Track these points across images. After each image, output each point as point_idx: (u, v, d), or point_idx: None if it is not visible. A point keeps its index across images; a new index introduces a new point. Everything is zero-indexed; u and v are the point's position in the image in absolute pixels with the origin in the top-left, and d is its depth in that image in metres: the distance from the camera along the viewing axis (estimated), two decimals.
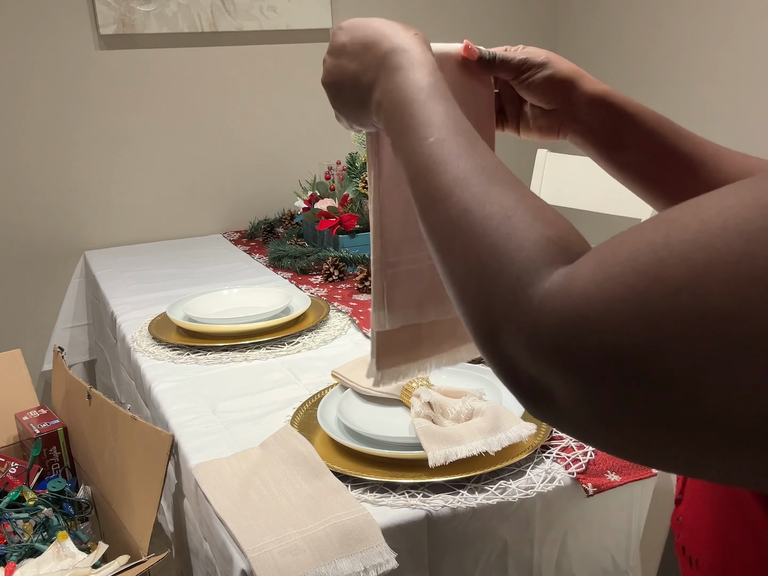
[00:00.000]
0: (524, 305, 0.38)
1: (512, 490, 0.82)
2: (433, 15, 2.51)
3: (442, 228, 0.45)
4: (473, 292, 0.42)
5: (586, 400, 0.35)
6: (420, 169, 0.48)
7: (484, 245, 0.41)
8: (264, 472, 0.87)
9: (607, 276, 0.35)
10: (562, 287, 0.36)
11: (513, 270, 0.39)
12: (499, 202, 0.43)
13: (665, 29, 2.35)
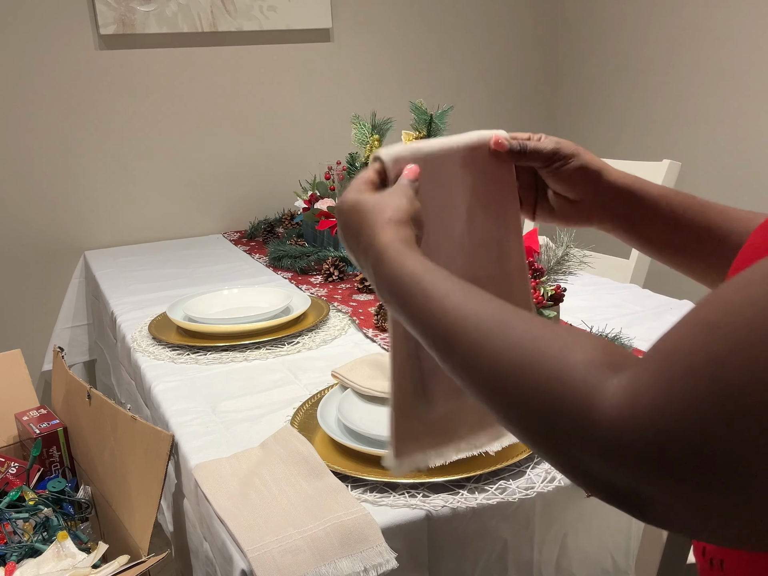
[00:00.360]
0: (596, 432, 0.39)
1: (512, 490, 0.82)
2: (433, 15, 2.51)
3: (482, 390, 0.47)
4: (542, 439, 0.43)
5: (676, 499, 0.38)
6: (436, 344, 0.51)
7: (528, 393, 0.43)
8: (264, 472, 0.87)
9: (670, 387, 0.37)
10: (629, 404, 0.38)
11: (567, 405, 0.41)
12: (521, 345, 0.45)
13: (666, 30, 2.35)
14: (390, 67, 2.49)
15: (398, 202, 0.62)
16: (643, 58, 2.44)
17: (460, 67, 2.59)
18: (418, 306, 0.53)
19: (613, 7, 2.52)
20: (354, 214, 0.63)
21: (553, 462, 0.44)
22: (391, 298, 0.57)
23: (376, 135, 1.57)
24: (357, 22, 2.41)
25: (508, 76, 2.69)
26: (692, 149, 2.32)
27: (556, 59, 2.76)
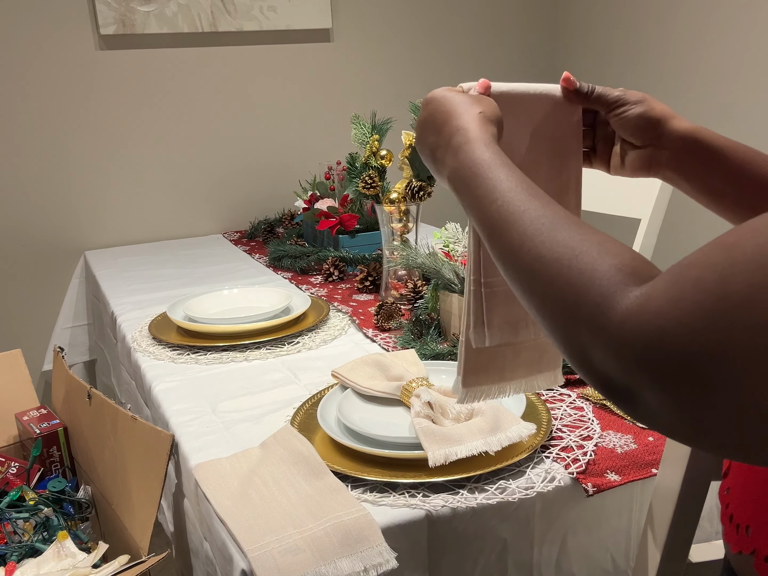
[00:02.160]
0: (607, 326, 0.44)
1: (512, 490, 0.82)
2: (433, 15, 2.51)
3: (520, 276, 0.52)
4: (561, 326, 0.48)
5: (669, 400, 0.41)
6: (492, 229, 0.56)
7: (561, 284, 0.48)
8: (264, 472, 0.87)
9: (679, 296, 0.41)
10: (640, 306, 0.42)
11: (591, 299, 0.45)
12: (566, 243, 0.49)
13: (667, 29, 2.35)
14: (390, 67, 2.49)
15: (488, 103, 0.66)
16: (642, 58, 2.44)
17: (460, 66, 2.59)
18: (488, 190, 0.57)
19: (613, 7, 2.52)
20: (444, 104, 0.66)
21: (564, 348, 0.48)
22: (463, 182, 0.60)
23: (376, 135, 1.57)
24: (357, 22, 2.41)
25: (508, 76, 2.68)
26: None
27: (556, 59, 2.76)
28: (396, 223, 1.46)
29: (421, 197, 1.44)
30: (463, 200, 0.61)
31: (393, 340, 1.28)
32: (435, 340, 1.21)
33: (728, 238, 0.42)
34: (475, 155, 0.60)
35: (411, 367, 1.05)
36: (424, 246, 1.42)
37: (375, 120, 1.58)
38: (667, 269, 0.44)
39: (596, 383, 0.46)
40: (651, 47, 2.41)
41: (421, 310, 1.30)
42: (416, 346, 1.19)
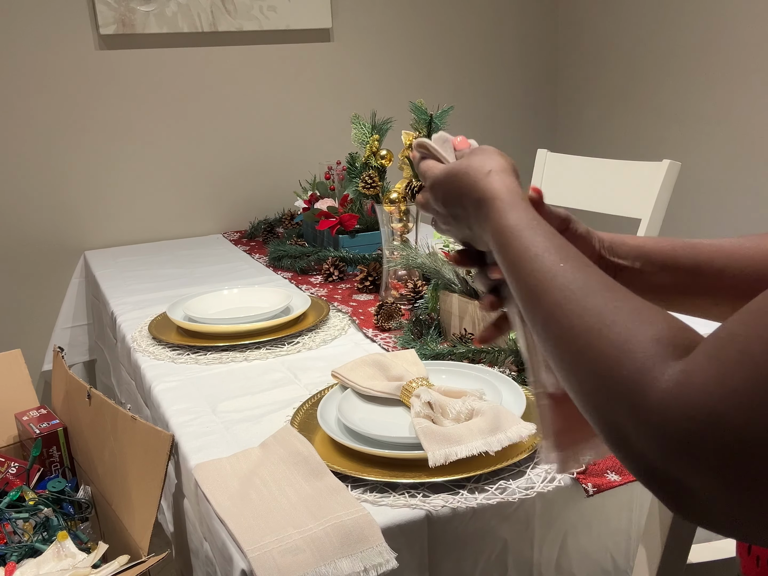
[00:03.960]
0: (646, 406, 0.40)
1: (512, 490, 0.82)
2: (433, 15, 2.51)
3: (552, 347, 0.49)
4: (594, 404, 0.44)
5: (723, 490, 0.37)
6: (524, 300, 0.54)
7: (593, 356, 0.44)
8: (264, 472, 0.87)
9: (724, 372, 0.37)
10: (681, 385, 0.38)
11: (625, 374, 0.41)
12: (597, 312, 0.46)
13: (667, 29, 2.35)
14: (390, 67, 2.49)
15: (491, 156, 0.63)
16: (642, 58, 2.44)
17: (461, 66, 2.59)
18: (517, 257, 0.55)
19: (613, 8, 2.52)
20: (450, 182, 0.64)
21: (599, 429, 0.44)
22: (497, 252, 0.58)
23: (376, 135, 1.57)
24: (357, 22, 2.41)
25: (508, 76, 2.69)
26: (692, 149, 2.32)
27: (556, 59, 2.76)
28: (396, 223, 1.46)
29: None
30: (501, 266, 0.58)
31: (393, 340, 1.28)
32: (435, 340, 1.21)
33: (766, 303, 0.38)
34: (501, 223, 0.58)
35: (411, 367, 1.05)
36: (424, 246, 1.42)
37: (375, 120, 1.58)
38: (704, 340, 0.41)
39: (637, 471, 0.41)
40: (651, 48, 2.40)
41: (421, 310, 1.30)
42: (416, 346, 1.19)
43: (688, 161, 2.17)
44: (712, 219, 2.30)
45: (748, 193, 2.18)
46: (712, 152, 2.27)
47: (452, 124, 1.47)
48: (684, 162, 1.86)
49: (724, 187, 2.25)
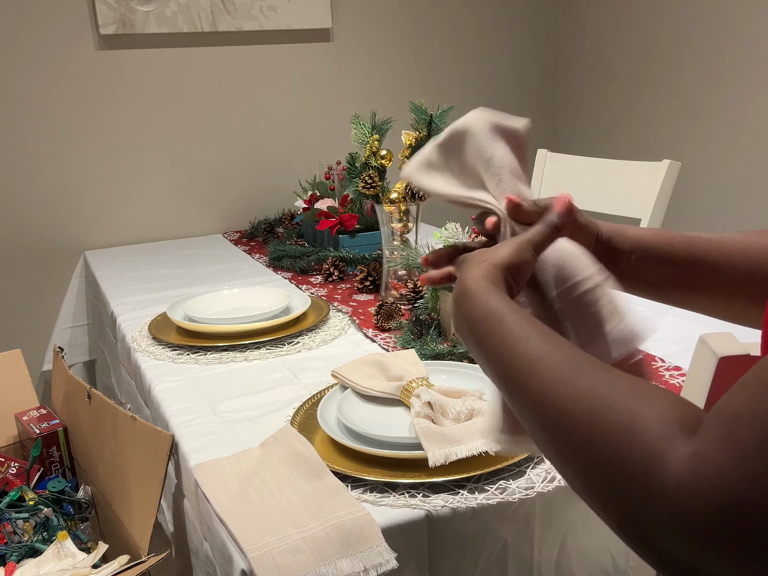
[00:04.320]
0: (661, 496, 0.37)
1: (512, 490, 0.82)
2: (433, 15, 2.51)
3: (548, 435, 0.46)
4: (603, 494, 0.41)
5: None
6: (510, 381, 0.50)
7: (597, 442, 0.42)
8: (264, 472, 0.87)
9: (739, 454, 0.35)
10: (695, 469, 0.37)
11: (634, 460, 0.39)
12: (595, 393, 0.43)
13: (667, 29, 2.35)
14: (390, 67, 2.49)
15: (499, 250, 0.60)
16: (643, 58, 2.44)
17: (460, 66, 2.59)
18: (496, 344, 0.52)
19: (614, 8, 2.52)
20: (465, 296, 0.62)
21: (611, 523, 0.41)
22: (469, 335, 0.56)
23: (376, 135, 1.57)
24: (357, 22, 2.41)
25: (509, 76, 2.69)
26: (692, 149, 2.32)
27: (557, 59, 2.75)
28: (396, 223, 1.46)
29: (421, 197, 1.44)
30: (475, 354, 0.56)
31: (393, 340, 1.28)
32: (435, 340, 1.21)
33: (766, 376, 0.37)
34: (477, 307, 0.55)
35: (411, 367, 1.05)
36: (424, 246, 1.42)
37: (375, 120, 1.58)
38: (709, 418, 0.39)
39: (658, 563, 0.39)
40: (651, 48, 2.40)
41: (421, 310, 1.30)
42: (416, 346, 1.19)
43: (688, 161, 2.17)
44: (712, 219, 2.30)
45: (748, 193, 2.18)
46: (712, 152, 2.27)
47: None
48: (684, 162, 1.86)
49: (724, 187, 2.25)
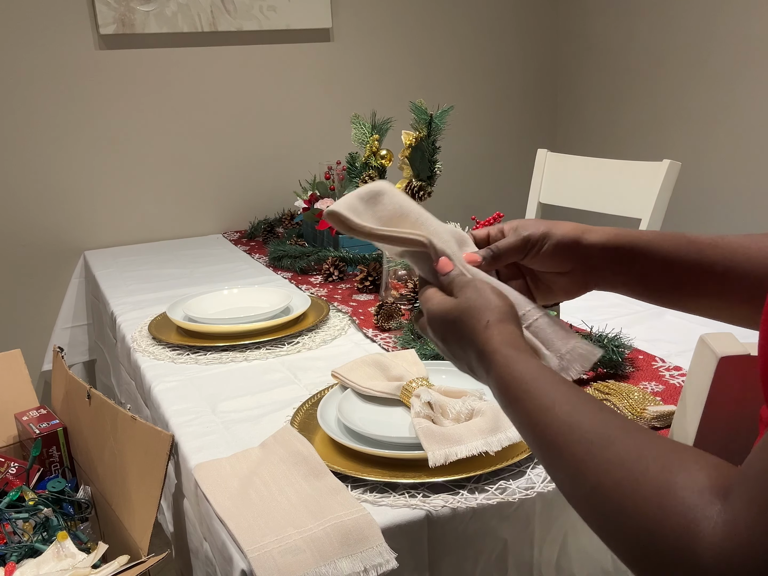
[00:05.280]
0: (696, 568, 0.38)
1: (512, 490, 0.81)
2: (433, 15, 2.51)
3: (583, 508, 0.48)
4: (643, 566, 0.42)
5: None
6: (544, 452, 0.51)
7: (630, 515, 0.42)
8: (264, 472, 0.87)
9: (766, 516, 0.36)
10: (729, 538, 0.37)
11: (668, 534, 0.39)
12: (623, 463, 0.44)
13: (667, 29, 2.35)
14: (390, 67, 2.49)
15: (488, 301, 0.60)
16: (643, 58, 2.44)
17: (461, 66, 2.59)
18: (526, 414, 0.53)
19: (613, 7, 2.52)
20: (447, 325, 0.62)
21: None
22: (502, 402, 0.57)
23: (376, 135, 1.57)
24: (357, 22, 2.40)
25: (509, 76, 2.69)
26: (692, 149, 2.32)
27: (557, 59, 2.75)
28: None
29: (421, 197, 1.44)
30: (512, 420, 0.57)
31: (393, 340, 1.28)
32: None
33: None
34: (504, 377, 0.56)
35: (411, 367, 1.05)
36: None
37: (375, 120, 1.58)
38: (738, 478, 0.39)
39: None
40: (651, 47, 2.40)
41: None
42: (416, 346, 1.19)
43: (688, 161, 2.17)
44: (712, 219, 2.30)
45: (748, 193, 2.18)
46: (712, 152, 2.27)
47: (452, 123, 1.47)
48: (684, 162, 1.86)
49: (724, 187, 2.25)
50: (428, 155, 1.42)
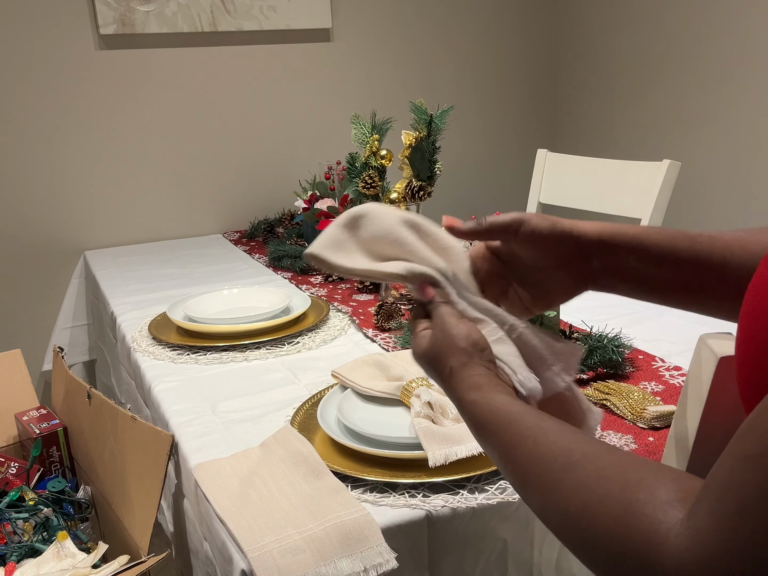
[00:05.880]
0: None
1: (512, 490, 0.81)
2: (433, 15, 2.51)
3: (557, 532, 0.50)
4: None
5: None
6: (515, 484, 0.55)
7: (597, 536, 0.44)
8: (264, 472, 0.87)
9: (728, 527, 0.37)
10: (692, 549, 0.39)
11: (633, 549, 0.41)
12: (586, 487, 0.46)
13: (667, 29, 2.35)
14: (390, 67, 2.49)
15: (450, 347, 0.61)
16: (643, 58, 2.44)
17: (461, 66, 2.59)
18: (497, 453, 0.55)
19: (613, 8, 2.52)
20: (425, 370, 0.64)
21: None
22: (478, 441, 0.59)
23: (376, 135, 1.57)
24: (357, 22, 2.41)
25: (509, 76, 2.69)
26: (692, 149, 2.32)
27: (556, 59, 2.75)
28: None
29: (421, 197, 1.44)
30: (482, 444, 0.59)
31: (393, 340, 1.28)
32: None
33: (749, 449, 0.39)
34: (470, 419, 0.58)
35: (411, 367, 1.05)
36: None
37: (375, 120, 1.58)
38: (702, 490, 0.41)
39: None
40: (651, 48, 2.40)
41: None
42: None
43: (688, 161, 2.17)
44: (712, 219, 2.30)
45: (748, 193, 2.18)
46: (712, 152, 2.27)
47: (452, 123, 1.47)
48: (684, 162, 1.86)
49: (724, 187, 2.25)
50: (428, 155, 1.43)
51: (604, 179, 1.94)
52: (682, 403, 0.79)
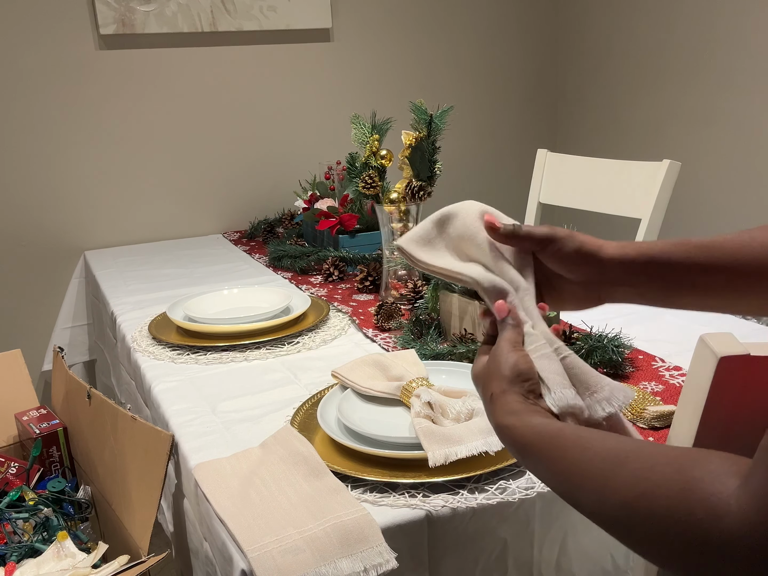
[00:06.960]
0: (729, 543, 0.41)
1: (512, 490, 0.82)
2: (434, 14, 2.51)
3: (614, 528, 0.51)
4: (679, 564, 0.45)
5: None
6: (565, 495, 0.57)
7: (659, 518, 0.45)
8: (264, 472, 0.87)
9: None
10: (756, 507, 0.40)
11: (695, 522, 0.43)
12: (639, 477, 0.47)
13: (667, 29, 2.35)
14: (390, 67, 2.49)
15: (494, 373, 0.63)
16: (643, 58, 2.44)
17: (461, 66, 2.59)
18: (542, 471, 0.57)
19: (614, 8, 2.52)
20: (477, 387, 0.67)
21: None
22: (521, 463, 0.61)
23: (376, 135, 1.57)
24: (357, 22, 2.41)
25: (509, 76, 2.69)
26: (692, 149, 2.32)
27: (557, 59, 2.75)
28: (396, 223, 1.46)
29: (421, 197, 1.44)
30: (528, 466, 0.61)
31: (393, 340, 1.28)
32: (435, 340, 1.21)
33: None
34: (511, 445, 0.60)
35: (411, 367, 1.05)
36: None
37: (375, 120, 1.58)
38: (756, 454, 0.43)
39: None
40: (652, 48, 2.40)
41: (421, 310, 1.30)
42: (416, 346, 1.19)
43: (688, 161, 2.17)
44: (712, 219, 2.30)
45: (748, 193, 2.18)
46: (712, 152, 2.27)
47: (452, 123, 1.47)
48: (684, 162, 1.86)
49: (724, 187, 2.25)
50: (428, 155, 1.42)
51: (604, 179, 1.94)
52: (682, 403, 0.79)
